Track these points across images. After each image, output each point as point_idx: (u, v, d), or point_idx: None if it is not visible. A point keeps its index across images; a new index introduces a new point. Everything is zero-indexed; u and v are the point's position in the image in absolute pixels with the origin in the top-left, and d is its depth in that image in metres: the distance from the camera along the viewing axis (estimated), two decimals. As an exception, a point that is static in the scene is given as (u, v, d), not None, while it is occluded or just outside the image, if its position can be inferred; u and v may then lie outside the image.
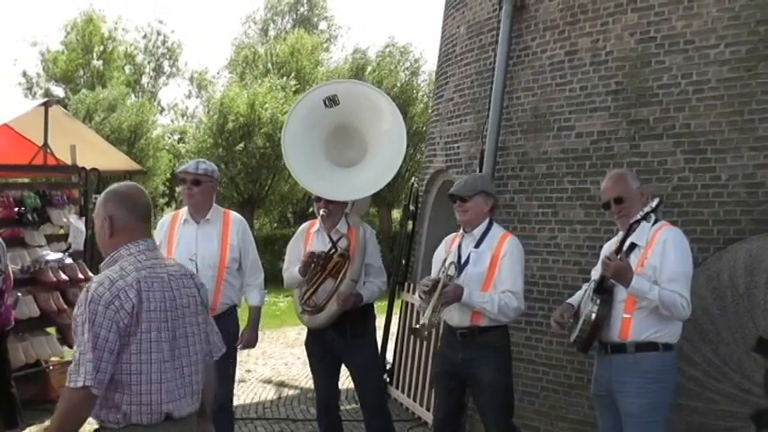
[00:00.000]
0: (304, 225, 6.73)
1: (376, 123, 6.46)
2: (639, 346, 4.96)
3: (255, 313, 6.49)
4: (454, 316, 5.64)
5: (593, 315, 5.03)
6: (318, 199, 6.32)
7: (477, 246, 5.65)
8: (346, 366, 6.48)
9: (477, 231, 5.68)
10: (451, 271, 5.60)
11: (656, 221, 5.06)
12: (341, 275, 6.10)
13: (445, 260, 5.70)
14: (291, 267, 6.40)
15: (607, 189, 5.26)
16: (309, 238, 6.40)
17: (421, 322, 5.48)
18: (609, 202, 5.22)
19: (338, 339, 6.23)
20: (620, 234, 5.15)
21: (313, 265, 6.13)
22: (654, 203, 4.86)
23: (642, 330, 4.95)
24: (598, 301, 5.04)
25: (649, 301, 4.80)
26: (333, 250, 6.16)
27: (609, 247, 5.31)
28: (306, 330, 6.62)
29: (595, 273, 5.32)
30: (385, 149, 6.40)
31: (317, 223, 6.44)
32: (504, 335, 5.69)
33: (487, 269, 5.56)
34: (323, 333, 6.31)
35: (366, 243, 6.24)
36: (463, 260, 5.65)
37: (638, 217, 4.86)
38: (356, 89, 6.92)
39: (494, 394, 5.58)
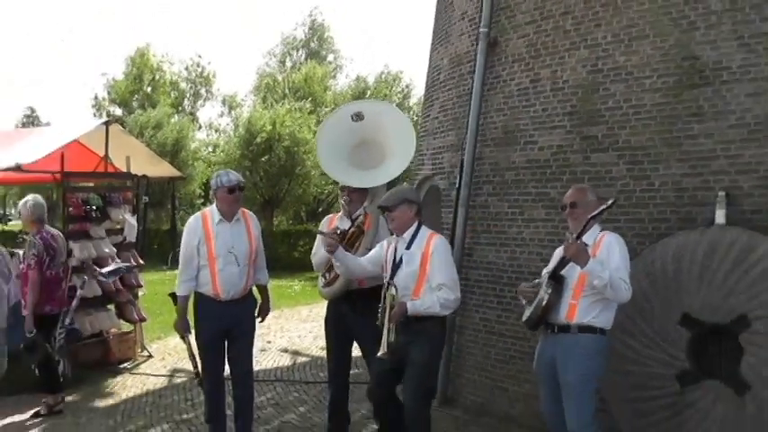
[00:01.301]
0: (327, 216, 6.79)
1: (391, 132, 6.51)
2: (581, 327, 5.01)
3: (266, 291, 6.54)
4: None
5: (546, 299, 5.08)
6: (343, 189, 6.40)
7: (408, 247, 5.50)
8: (356, 339, 6.45)
9: (407, 234, 5.54)
10: (392, 291, 5.41)
11: (601, 230, 5.13)
12: (355, 247, 6.09)
13: (388, 283, 5.49)
14: (319, 251, 6.31)
15: (568, 195, 5.32)
16: (333, 223, 6.44)
17: (382, 351, 5.24)
18: (566, 205, 5.30)
19: (350, 314, 6.22)
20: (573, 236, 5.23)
21: (336, 236, 6.01)
22: (609, 202, 4.87)
23: (584, 315, 5.00)
24: (550, 289, 5.08)
25: (601, 279, 4.79)
26: (352, 226, 6.21)
27: (560, 250, 5.33)
28: (318, 309, 6.65)
29: (547, 267, 5.38)
30: (398, 151, 6.45)
31: (338, 214, 6.53)
32: (437, 323, 5.48)
33: (419, 267, 5.40)
34: (338, 308, 6.32)
35: (379, 225, 6.21)
36: (397, 261, 5.50)
37: (596, 212, 4.88)
38: (377, 107, 6.98)
39: (415, 373, 5.39)
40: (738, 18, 5.99)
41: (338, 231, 6.16)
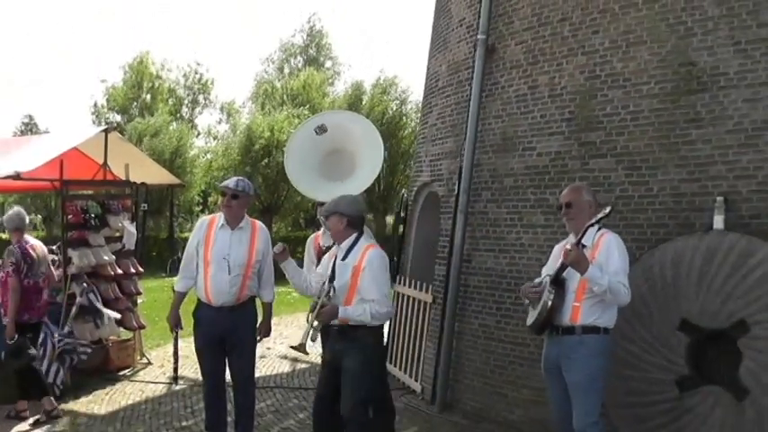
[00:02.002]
0: (312, 235, 6.77)
1: (358, 140, 6.50)
2: (585, 328, 5.04)
3: (269, 308, 6.44)
4: None
5: (549, 302, 5.09)
6: (321, 204, 6.39)
7: (343, 258, 5.50)
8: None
9: (345, 245, 5.54)
10: (331, 291, 5.45)
11: (599, 228, 5.14)
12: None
13: (325, 283, 5.53)
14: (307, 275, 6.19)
15: (563, 195, 5.35)
16: (317, 241, 6.44)
17: (300, 342, 5.36)
18: (561, 206, 5.32)
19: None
20: (570, 237, 5.23)
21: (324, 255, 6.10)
22: (607, 210, 4.91)
23: (588, 316, 5.03)
24: (553, 292, 5.10)
25: (600, 286, 4.85)
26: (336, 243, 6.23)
27: (557, 248, 5.42)
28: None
29: (546, 270, 5.40)
30: (368, 161, 6.44)
31: (321, 231, 6.52)
32: (370, 333, 5.45)
33: (350, 279, 5.38)
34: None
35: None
36: (331, 272, 5.52)
37: (594, 221, 4.93)
38: (338, 117, 6.99)
39: (348, 381, 5.41)
40: (735, 24, 6.02)
41: (324, 248, 6.16)
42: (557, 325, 5.16)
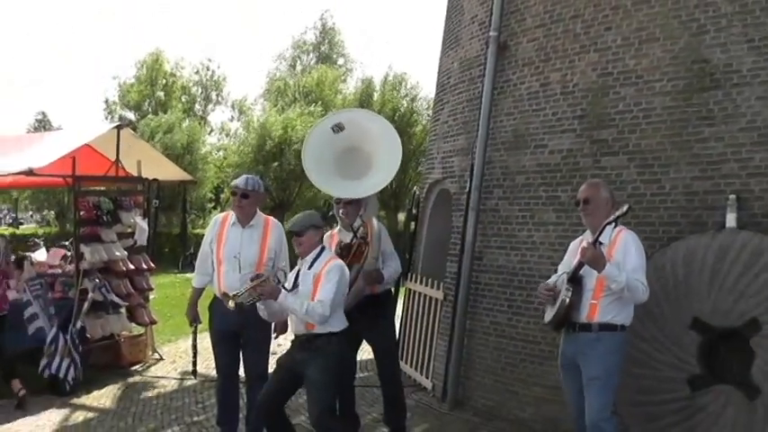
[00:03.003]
0: (328, 233, 6.81)
1: (376, 140, 6.52)
2: (602, 326, 5.06)
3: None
4: (295, 325, 5.65)
5: (567, 300, 5.11)
6: (338, 201, 6.43)
7: (309, 268, 5.58)
8: (368, 342, 6.54)
9: (310, 258, 5.62)
10: (282, 277, 5.63)
11: (615, 226, 5.14)
12: (363, 257, 6.16)
13: (299, 271, 5.65)
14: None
15: (582, 191, 5.35)
16: (335, 238, 6.47)
17: (233, 293, 5.50)
18: (579, 201, 5.32)
19: (361, 319, 6.20)
20: (586, 233, 5.26)
21: (341, 252, 6.16)
22: (624, 209, 4.93)
23: (605, 314, 5.05)
24: (571, 290, 5.11)
25: (617, 284, 4.87)
26: (354, 238, 6.24)
27: (574, 245, 5.43)
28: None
29: (562, 267, 5.41)
30: (385, 160, 6.46)
31: (337, 227, 6.55)
32: (331, 341, 5.51)
33: (311, 287, 5.48)
34: (348, 313, 6.38)
35: (380, 230, 6.31)
36: (296, 281, 5.61)
37: (611, 219, 4.95)
38: (357, 115, 7.01)
39: (314, 389, 5.49)
40: (748, 21, 6.00)
41: (342, 248, 6.20)
42: (574, 322, 5.17)
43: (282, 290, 5.47)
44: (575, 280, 5.14)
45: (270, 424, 5.78)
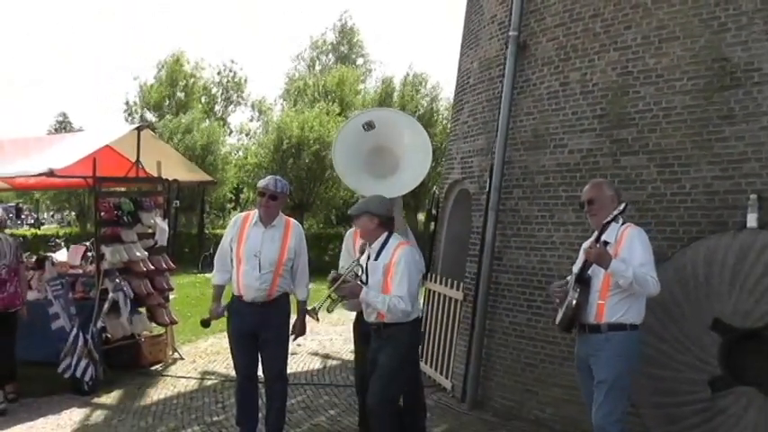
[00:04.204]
0: (351, 229, 6.84)
1: (406, 142, 6.55)
2: (611, 326, 5.06)
3: (303, 306, 6.43)
4: (368, 314, 5.68)
5: (574, 300, 5.13)
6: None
7: (375, 258, 5.62)
8: None
9: (376, 245, 5.64)
10: (358, 271, 5.63)
11: (622, 223, 5.16)
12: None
13: (354, 262, 5.72)
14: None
15: (585, 192, 5.39)
16: (357, 237, 6.50)
17: (312, 306, 5.64)
18: (584, 203, 5.35)
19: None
20: (595, 232, 5.29)
21: (363, 251, 6.16)
22: (621, 207, 4.96)
23: (613, 314, 5.06)
24: (578, 290, 5.13)
25: (625, 279, 4.88)
26: None
27: (586, 245, 5.43)
28: (348, 312, 6.72)
29: (575, 267, 5.42)
30: (414, 161, 6.49)
31: None
32: (406, 331, 5.58)
33: (382, 278, 5.51)
34: (361, 312, 6.42)
35: (407, 231, 6.31)
36: (364, 272, 5.65)
37: (609, 218, 4.98)
38: (387, 115, 7.03)
39: (380, 376, 5.53)
40: (770, 19, 5.97)
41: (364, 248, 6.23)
42: (583, 323, 5.19)
43: (363, 287, 5.52)
44: (582, 281, 5.16)
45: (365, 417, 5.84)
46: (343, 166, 6.60)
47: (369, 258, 5.68)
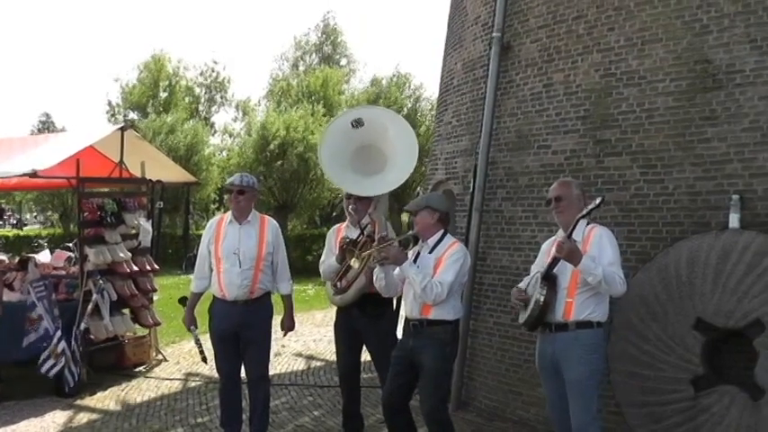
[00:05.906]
0: (334, 226, 6.85)
1: (393, 140, 6.54)
2: (579, 324, 5.07)
3: (288, 301, 6.53)
4: (410, 308, 5.60)
5: (542, 298, 5.11)
6: (349, 197, 6.45)
7: (430, 252, 5.59)
8: (365, 343, 6.50)
9: (431, 241, 5.62)
10: (411, 247, 5.65)
11: (588, 223, 5.18)
12: (367, 254, 6.08)
13: (418, 252, 5.66)
14: (327, 260, 6.47)
15: (552, 189, 5.41)
16: (340, 233, 6.50)
17: (359, 250, 5.84)
18: (551, 200, 5.36)
19: (360, 318, 6.30)
20: (559, 232, 5.30)
21: (345, 246, 6.21)
22: (597, 201, 4.92)
23: (581, 311, 5.07)
24: (545, 288, 5.12)
25: (594, 276, 4.88)
26: (361, 235, 6.26)
27: (546, 245, 5.50)
28: (332, 313, 6.71)
29: (535, 267, 5.45)
30: (400, 161, 6.48)
31: (345, 223, 6.58)
32: (449, 330, 5.51)
33: (431, 271, 5.45)
34: (349, 312, 6.39)
35: (387, 230, 6.28)
36: (415, 261, 5.55)
37: (585, 212, 4.98)
38: (377, 113, 7.02)
39: (430, 378, 5.44)
40: (751, 21, 5.99)
41: (347, 241, 6.23)
42: (549, 322, 5.18)
43: (408, 258, 5.47)
44: (548, 278, 5.15)
45: (393, 423, 5.74)
46: (327, 161, 6.58)
47: (418, 254, 5.63)
